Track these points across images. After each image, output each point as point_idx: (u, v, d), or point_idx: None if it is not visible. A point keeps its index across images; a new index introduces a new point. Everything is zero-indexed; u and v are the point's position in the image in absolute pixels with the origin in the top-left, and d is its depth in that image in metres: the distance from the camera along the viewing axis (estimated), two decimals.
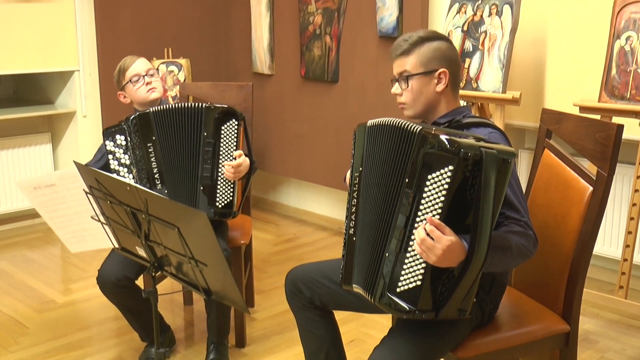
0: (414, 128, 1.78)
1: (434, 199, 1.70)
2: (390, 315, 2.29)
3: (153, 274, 2.08)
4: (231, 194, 2.67)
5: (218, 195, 2.66)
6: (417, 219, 1.72)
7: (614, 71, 3.14)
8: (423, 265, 1.73)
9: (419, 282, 1.74)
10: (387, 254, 1.81)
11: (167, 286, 3.28)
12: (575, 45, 3.42)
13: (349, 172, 2.07)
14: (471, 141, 1.70)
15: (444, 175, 1.68)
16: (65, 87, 4.64)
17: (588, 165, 2.17)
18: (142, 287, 2.80)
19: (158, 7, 4.69)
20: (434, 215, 1.70)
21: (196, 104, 2.66)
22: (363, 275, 1.91)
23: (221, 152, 2.65)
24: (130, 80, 2.77)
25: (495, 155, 1.67)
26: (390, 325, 2.20)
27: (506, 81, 3.37)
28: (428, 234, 1.68)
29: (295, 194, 4.97)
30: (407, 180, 1.76)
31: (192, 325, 3.27)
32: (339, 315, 2.31)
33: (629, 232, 3.20)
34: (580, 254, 2.04)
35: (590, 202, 2.03)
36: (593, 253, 2.09)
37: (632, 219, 3.19)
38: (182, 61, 4.56)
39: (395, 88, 2.08)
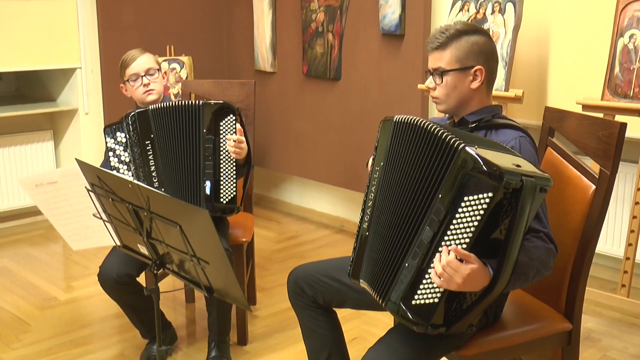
0: (454, 142, 1.69)
1: (467, 221, 1.64)
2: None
3: (155, 271, 2.07)
4: (234, 189, 2.67)
5: (222, 191, 2.66)
6: (445, 237, 1.67)
7: (617, 69, 3.13)
8: None
9: (436, 300, 1.71)
10: (406, 264, 1.75)
11: (169, 284, 3.28)
12: (578, 43, 3.41)
13: (371, 158, 2.02)
14: (512, 166, 1.63)
15: (482, 201, 1.61)
16: (67, 85, 4.63)
17: (591, 163, 2.17)
18: (144, 285, 2.80)
19: (160, 4, 4.69)
20: (464, 238, 1.65)
21: (194, 101, 2.66)
22: (373, 274, 1.89)
23: (222, 148, 2.65)
24: (128, 80, 2.77)
25: (535, 183, 1.61)
26: (391, 324, 2.19)
27: (509, 79, 3.36)
28: (447, 264, 1.64)
29: (297, 191, 4.97)
30: (440, 195, 1.69)
31: (194, 323, 3.27)
32: (341, 313, 2.31)
33: (632, 231, 3.20)
34: (583, 252, 2.04)
35: (593, 201, 2.02)
36: (595, 251, 2.09)
37: (634, 217, 3.19)
38: (184, 59, 4.55)
39: (429, 82, 2.02)
